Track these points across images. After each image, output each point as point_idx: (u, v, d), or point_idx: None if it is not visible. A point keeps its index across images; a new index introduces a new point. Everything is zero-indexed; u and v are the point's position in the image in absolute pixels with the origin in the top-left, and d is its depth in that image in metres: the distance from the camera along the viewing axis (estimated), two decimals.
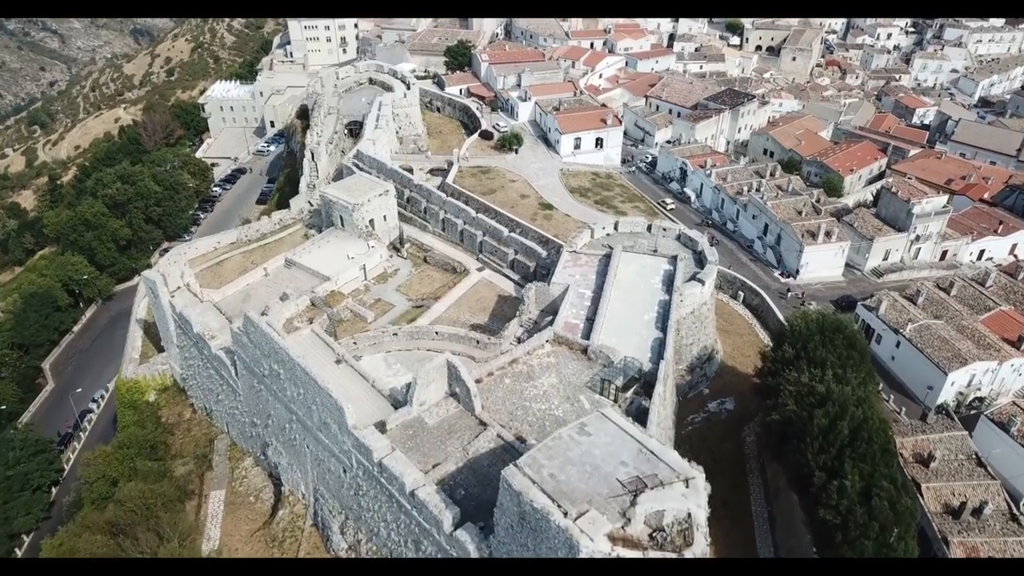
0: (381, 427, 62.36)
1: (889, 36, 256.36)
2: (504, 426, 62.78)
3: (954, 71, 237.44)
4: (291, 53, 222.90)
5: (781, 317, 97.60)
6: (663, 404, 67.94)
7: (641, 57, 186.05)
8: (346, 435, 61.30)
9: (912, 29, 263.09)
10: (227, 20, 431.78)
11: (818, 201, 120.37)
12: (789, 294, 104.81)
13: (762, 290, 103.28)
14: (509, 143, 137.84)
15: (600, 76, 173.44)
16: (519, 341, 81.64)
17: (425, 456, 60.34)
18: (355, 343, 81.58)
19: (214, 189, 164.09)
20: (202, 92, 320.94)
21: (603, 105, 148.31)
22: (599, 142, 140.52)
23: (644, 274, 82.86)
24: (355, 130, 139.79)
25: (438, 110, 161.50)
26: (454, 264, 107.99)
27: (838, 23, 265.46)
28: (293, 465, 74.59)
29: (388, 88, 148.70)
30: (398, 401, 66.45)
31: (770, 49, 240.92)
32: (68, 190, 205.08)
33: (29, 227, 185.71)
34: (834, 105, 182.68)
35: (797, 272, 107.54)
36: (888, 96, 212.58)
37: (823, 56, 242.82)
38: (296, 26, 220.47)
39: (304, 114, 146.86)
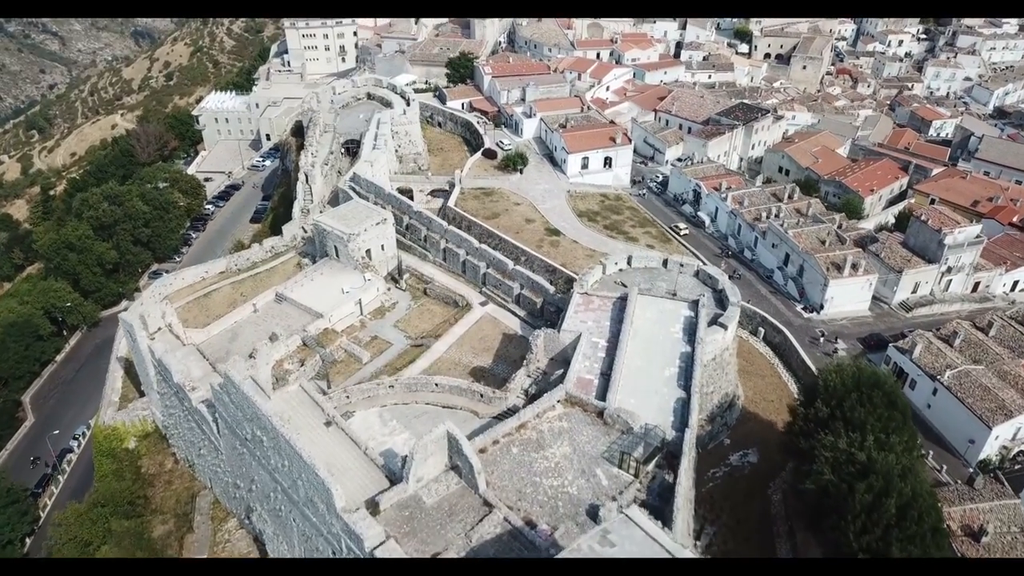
0: (374, 506, 55.45)
1: (900, 43, 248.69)
2: (512, 507, 55.82)
3: (967, 79, 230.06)
4: (288, 62, 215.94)
5: (805, 357, 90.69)
6: (688, 476, 60.85)
7: (649, 68, 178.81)
8: (335, 518, 54.20)
9: (924, 36, 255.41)
10: (226, 24, 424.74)
11: (840, 227, 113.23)
12: (821, 339, 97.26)
13: (784, 327, 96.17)
14: (513, 163, 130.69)
15: (607, 89, 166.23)
16: (527, 394, 74.67)
17: (423, 543, 53.41)
18: (348, 397, 74.48)
19: (206, 207, 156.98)
20: (199, 100, 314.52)
21: (611, 122, 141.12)
22: (608, 161, 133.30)
23: (663, 321, 75.63)
24: (352, 149, 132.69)
25: (439, 125, 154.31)
26: (455, 297, 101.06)
27: (848, 29, 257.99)
28: (279, 536, 67.47)
29: (387, 104, 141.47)
30: (393, 472, 59.49)
31: (779, 57, 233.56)
32: (58, 204, 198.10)
33: (19, 241, 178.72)
34: (849, 118, 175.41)
35: (821, 307, 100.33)
36: (902, 106, 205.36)
37: (833, 64, 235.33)
38: (294, 34, 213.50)
39: (299, 131, 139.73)
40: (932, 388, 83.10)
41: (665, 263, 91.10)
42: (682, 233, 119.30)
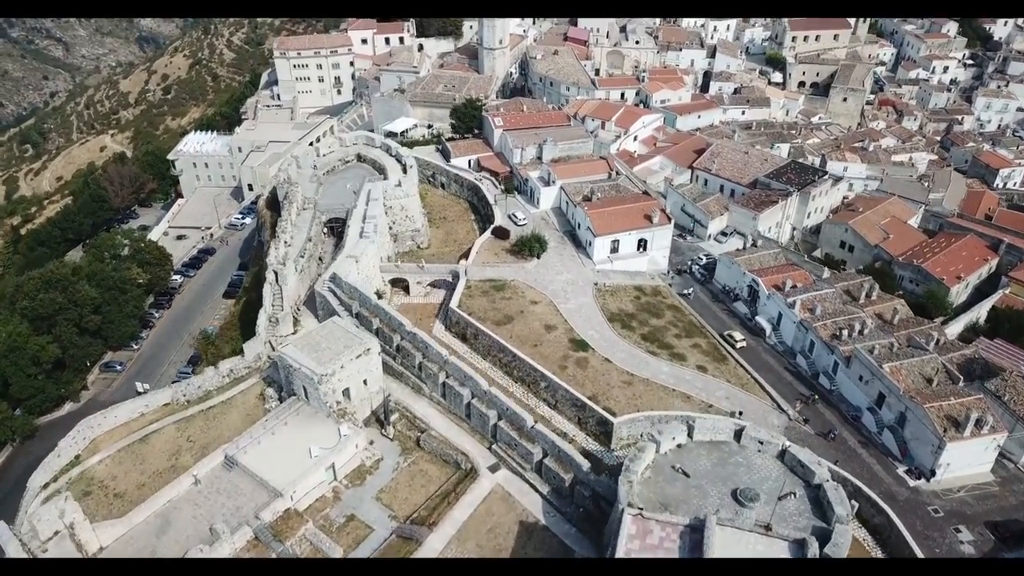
0: None
1: (946, 70, 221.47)
2: None
3: (1021, 109, 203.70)
4: (278, 95, 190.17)
5: (919, 553, 65.71)
6: None
7: (681, 111, 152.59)
8: None
9: (971, 62, 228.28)
10: (226, 35, 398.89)
11: (940, 344, 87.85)
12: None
13: (886, 502, 71.14)
14: (529, 248, 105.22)
15: (635, 139, 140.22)
16: None
17: None
18: None
19: (174, 278, 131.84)
20: (192, 121, 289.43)
21: (645, 192, 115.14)
22: (642, 244, 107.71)
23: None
24: (337, 228, 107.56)
25: (442, 186, 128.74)
26: (457, 456, 76.08)
27: (887, 53, 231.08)
28: None
29: (380, 170, 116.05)
30: None
31: (815, 86, 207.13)
32: (21, 252, 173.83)
33: None
34: (908, 169, 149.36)
35: (933, 473, 74.83)
36: (956, 146, 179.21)
37: (873, 93, 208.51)
38: (284, 64, 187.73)
39: (274, 202, 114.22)
40: None
41: (738, 436, 65.99)
42: (738, 346, 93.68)
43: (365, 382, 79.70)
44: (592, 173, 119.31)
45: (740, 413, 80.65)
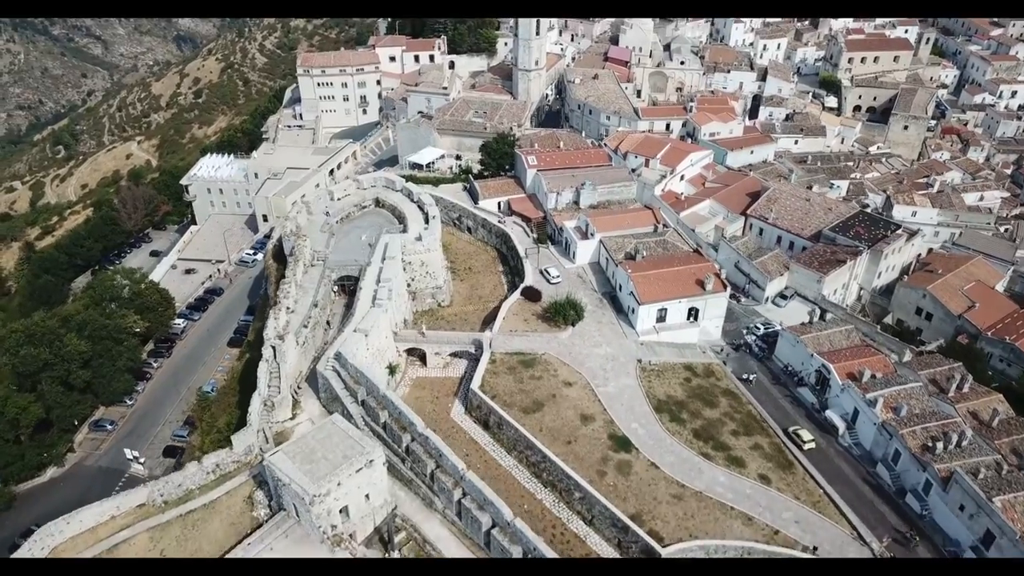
0: None
1: (1014, 94, 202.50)
2: None
3: None
4: (301, 114, 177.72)
5: None
6: None
7: (732, 146, 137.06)
8: None
9: None
10: (259, 39, 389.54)
11: None
12: None
13: None
14: (563, 315, 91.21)
15: (681, 178, 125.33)
16: None
17: None
18: None
19: (175, 323, 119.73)
20: (219, 131, 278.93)
21: (696, 250, 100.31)
22: (693, 313, 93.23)
23: None
24: (349, 287, 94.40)
25: (469, 231, 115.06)
26: None
27: (949, 75, 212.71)
28: None
29: (399, 218, 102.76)
30: None
31: (872, 111, 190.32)
32: (26, 278, 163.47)
33: None
34: (985, 216, 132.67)
35: None
36: None
37: (935, 119, 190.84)
38: (308, 82, 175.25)
39: (281, 253, 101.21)
40: None
41: None
42: (806, 446, 78.86)
43: (367, 496, 66.44)
44: (636, 225, 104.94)
45: (815, 549, 66.16)
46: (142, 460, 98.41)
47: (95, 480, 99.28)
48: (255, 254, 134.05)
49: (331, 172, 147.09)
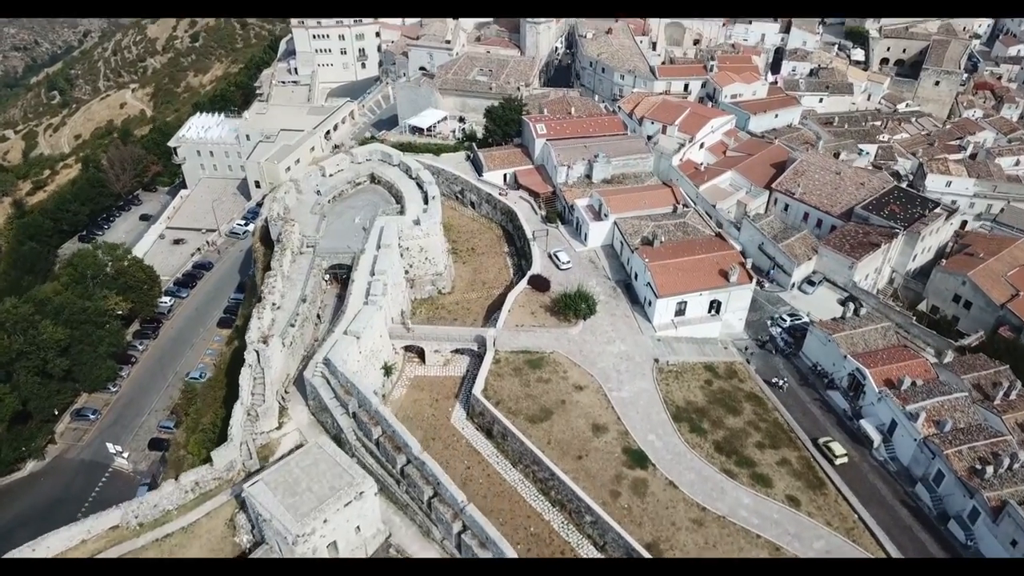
0: None
1: None
2: None
3: None
4: (296, 69, 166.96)
5: None
6: None
7: (756, 109, 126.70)
8: None
9: None
10: None
11: None
12: None
13: None
14: (575, 308, 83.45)
15: (701, 147, 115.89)
16: None
17: None
18: None
19: (162, 301, 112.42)
20: (214, 80, 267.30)
21: (719, 234, 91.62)
22: (715, 306, 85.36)
23: None
24: (341, 275, 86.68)
25: (472, 205, 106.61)
26: None
27: (982, 25, 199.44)
28: None
29: (397, 197, 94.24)
30: None
31: (900, 63, 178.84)
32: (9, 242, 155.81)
33: None
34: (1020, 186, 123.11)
35: None
36: None
37: (967, 72, 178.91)
38: (303, 35, 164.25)
39: (267, 236, 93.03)
40: None
41: None
42: (838, 460, 71.86)
43: (358, 528, 59.94)
44: (653, 204, 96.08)
45: None
46: (125, 455, 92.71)
47: (77, 474, 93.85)
48: (246, 224, 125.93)
49: (327, 134, 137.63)
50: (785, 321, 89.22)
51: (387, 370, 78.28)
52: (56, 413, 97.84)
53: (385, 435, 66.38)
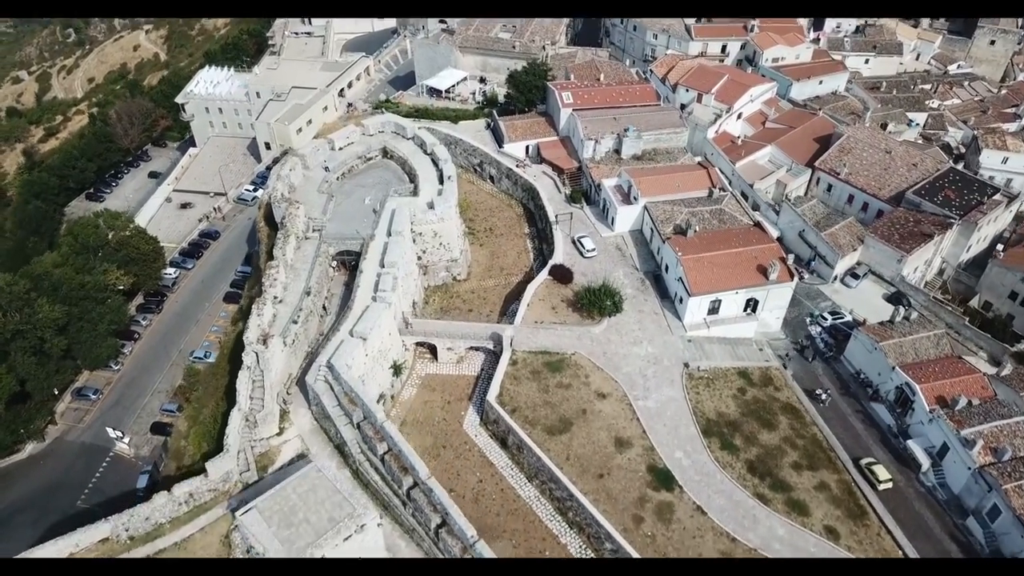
0: None
1: None
2: None
3: None
4: (310, 19, 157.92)
5: None
6: None
7: (799, 76, 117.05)
8: None
9: None
10: None
11: None
12: None
13: None
14: (599, 305, 77.01)
15: (739, 117, 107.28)
16: None
17: None
18: None
19: (166, 273, 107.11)
20: (228, 24, 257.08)
21: (758, 224, 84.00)
22: (751, 305, 78.55)
23: None
24: (349, 262, 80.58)
25: (491, 180, 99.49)
26: None
27: None
28: None
29: (411, 176, 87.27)
30: None
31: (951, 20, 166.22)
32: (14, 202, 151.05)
33: None
34: None
35: None
36: None
37: (1022, 28, 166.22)
38: None
39: (271, 217, 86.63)
40: None
41: None
42: (881, 486, 65.95)
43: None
44: (687, 187, 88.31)
45: None
46: (126, 439, 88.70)
47: (78, 458, 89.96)
48: (255, 190, 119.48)
49: (341, 92, 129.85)
50: (826, 320, 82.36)
51: (396, 369, 72.86)
52: (56, 392, 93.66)
53: (391, 453, 61.12)
